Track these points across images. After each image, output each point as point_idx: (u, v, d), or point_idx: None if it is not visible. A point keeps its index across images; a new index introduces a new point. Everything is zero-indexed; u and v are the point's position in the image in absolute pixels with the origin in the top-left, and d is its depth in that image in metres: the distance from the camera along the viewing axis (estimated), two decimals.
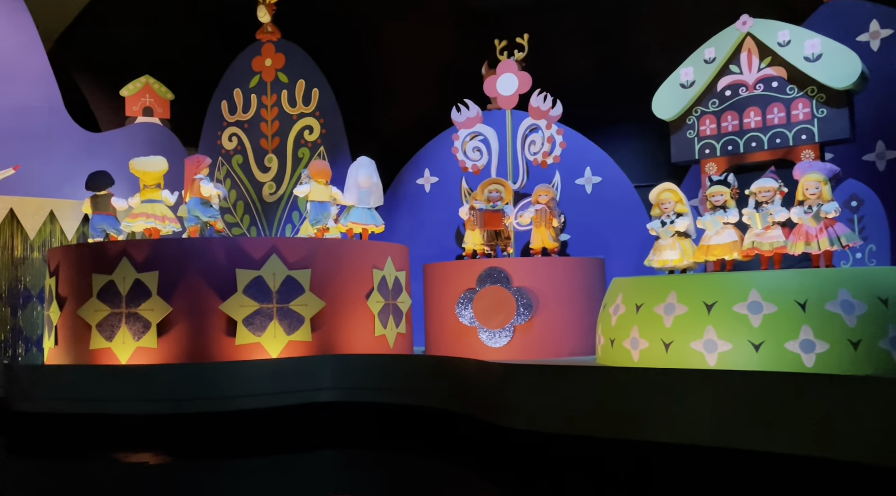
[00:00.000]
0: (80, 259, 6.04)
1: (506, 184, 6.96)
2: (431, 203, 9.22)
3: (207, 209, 6.47)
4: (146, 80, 9.81)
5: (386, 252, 6.73)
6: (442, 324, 7.08)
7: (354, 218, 6.88)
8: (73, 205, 7.78)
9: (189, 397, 5.61)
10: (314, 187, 6.81)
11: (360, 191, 6.92)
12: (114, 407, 5.64)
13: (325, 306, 6.10)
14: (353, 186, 6.93)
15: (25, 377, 6.06)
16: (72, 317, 5.99)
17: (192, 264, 5.86)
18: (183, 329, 5.82)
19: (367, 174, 7.01)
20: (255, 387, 5.67)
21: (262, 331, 5.91)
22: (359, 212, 6.89)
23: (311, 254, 6.14)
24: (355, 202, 6.90)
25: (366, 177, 6.99)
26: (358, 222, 6.88)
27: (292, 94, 9.49)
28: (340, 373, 5.80)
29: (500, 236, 6.97)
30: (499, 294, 6.68)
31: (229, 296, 5.85)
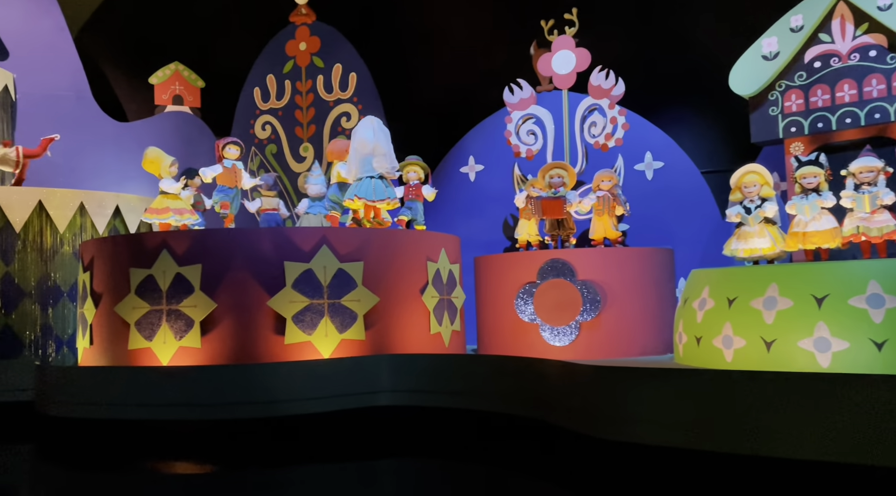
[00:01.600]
0: (117, 252, 5.61)
1: (569, 168, 6.44)
2: (476, 192, 8.74)
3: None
4: (175, 67, 9.43)
5: (440, 243, 6.24)
6: (497, 321, 6.58)
7: (360, 191, 5.74)
8: (103, 196, 7.37)
9: (235, 401, 5.16)
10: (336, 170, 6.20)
11: (361, 159, 5.77)
12: (154, 412, 5.21)
13: (379, 302, 5.63)
14: (352, 156, 5.80)
15: (58, 379, 5.65)
16: (108, 315, 5.57)
17: (238, 257, 5.41)
18: (228, 327, 5.37)
19: (361, 137, 5.76)
20: (306, 390, 5.21)
21: (313, 328, 5.44)
22: (366, 183, 5.73)
23: (363, 246, 5.67)
24: (353, 174, 5.84)
25: (361, 140, 5.75)
26: (363, 197, 5.72)
27: (328, 80, 9.03)
28: (400, 375, 5.32)
29: (562, 226, 6.45)
30: (563, 288, 6.16)
31: (277, 291, 5.39)
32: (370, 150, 5.81)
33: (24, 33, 8.64)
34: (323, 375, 5.27)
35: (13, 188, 7.08)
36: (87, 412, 5.41)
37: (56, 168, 8.42)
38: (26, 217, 6.96)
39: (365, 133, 5.82)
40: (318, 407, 5.22)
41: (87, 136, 8.77)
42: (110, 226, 7.43)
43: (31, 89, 8.62)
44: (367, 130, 5.85)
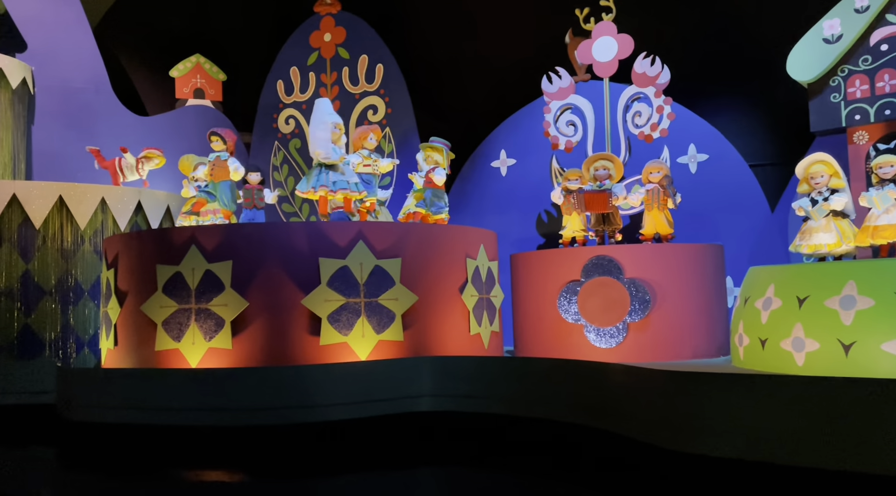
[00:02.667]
0: (143, 248, 5.34)
1: (615, 159, 6.10)
2: (508, 187, 8.42)
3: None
4: (197, 60, 9.16)
5: (478, 239, 5.92)
6: (537, 322, 6.25)
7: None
8: (125, 192, 7.12)
9: (268, 406, 4.87)
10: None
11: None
12: (182, 417, 4.93)
13: (417, 301, 5.32)
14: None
15: (81, 382, 5.38)
16: (134, 315, 5.29)
17: (270, 253, 5.11)
18: (260, 327, 5.08)
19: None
20: (344, 394, 4.91)
21: (350, 329, 5.14)
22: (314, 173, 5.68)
23: (400, 241, 5.36)
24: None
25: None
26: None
27: (354, 72, 8.74)
28: (442, 379, 5.01)
29: (607, 220, 6.11)
30: (610, 287, 5.82)
31: (312, 289, 5.09)
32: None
33: (43, 25, 8.42)
34: (360, 378, 4.97)
35: (32, 182, 6.83)
36: (112, 416, 5.14)
37: (74, 162, 8.19)
38: (46, 212, 6.71)
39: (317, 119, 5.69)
40: (355, 412, 4.92)
41: (106, 130, 8.52)
42: (132, 222, 7.18)
43: (49, 82, 8.39)
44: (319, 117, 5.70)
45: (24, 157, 8.05)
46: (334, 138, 5.63)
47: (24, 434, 5.94)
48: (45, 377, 6.26)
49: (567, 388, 4.53)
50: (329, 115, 5.68)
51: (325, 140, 5.57)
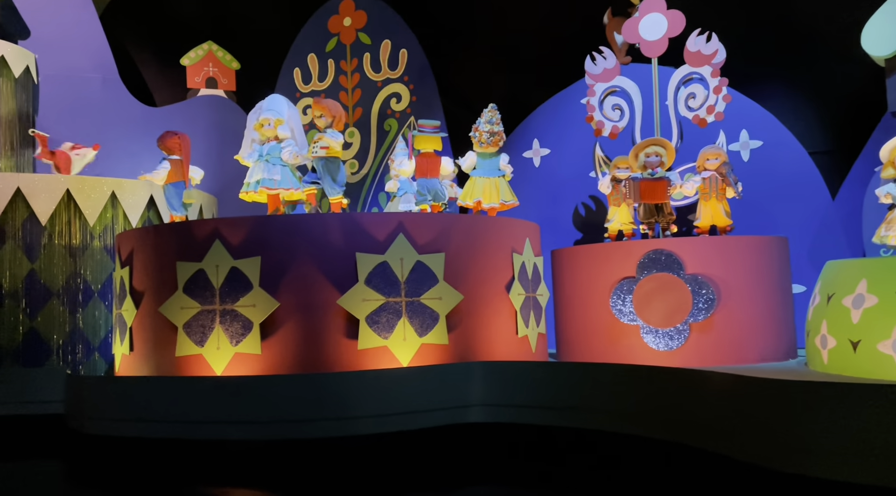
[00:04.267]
0: (161, 244, 4.85)
1: (667, 144, 5.60)
2: (542, 179, 7.93)
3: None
4: (209, 47, 8.68)
5: (524, 232, 5.43)
6: (585, 323, 5.76)
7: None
8: (135, 185, 6.64)
9: (301, 418, 4.39)
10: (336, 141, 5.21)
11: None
12: (206, 430, 4.45)
13: (463, 300, 4.83)
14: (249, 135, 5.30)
15: (93, 391, 4.91)
16: (151, 317, 4.81)
17: (302, 247, 4.63)
18: (292, 330, 4.59)
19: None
20: (385, 404, 4.42)
21: (390, 331, 4.65)
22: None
23: (443, 235, 4.87)
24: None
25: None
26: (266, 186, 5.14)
27: (376, 58, 8.25)
28: (496, 386, 4.52)
29: (661, 211, 5.62)
30: (669, 284, 5.34)
31: (349, 288, 4.61)
32: None
33: (47, 11, 7.95)
34: (403, 387, 4.48)
35: (38, 176, 6.36)
36: (127, 429, 4.66)
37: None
38: (53, 208, 6.23)
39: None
40: (398, 424, 4.43)
41: (114, 122, 8.05)
42: (144, 217, 6.70)
43: (54, 71, 7.91)
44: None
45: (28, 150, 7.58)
46: (265, 134, 5.19)
47: (31, 447, 5.46)
48: (53, 385, 5.76)
49: (646, 398, 4.03)
50: (255, 111, 5.28)
51: (245, 140, 5.30)
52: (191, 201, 5.40)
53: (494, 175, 5.83)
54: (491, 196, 5.78)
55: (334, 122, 5.31)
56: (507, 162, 5.93)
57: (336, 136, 5.26)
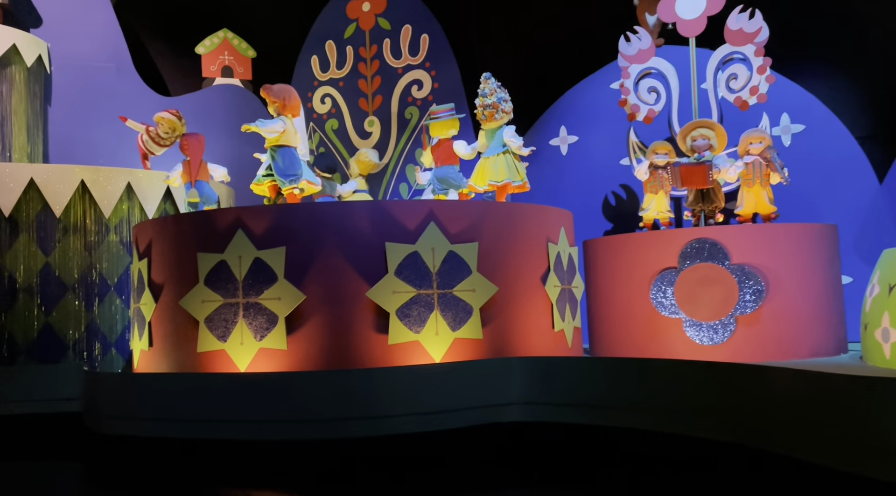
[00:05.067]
0: (181, 234, 4.63)
1: (716, 127, 5.31)
2: (569, 168, 7.65)
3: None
4: (224, 35, 8.45)
5: (559, 220, 5.16)
6: (622, 316, 5.49)
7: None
8: (152, 176, 6.42)
9: (330, 417, 4.15)
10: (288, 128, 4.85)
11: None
12: (229, 430, 4.23)
13: (497, 292, 4.57)
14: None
15: (111, 389, 4.70)
16: (171, 311, 4.58)
17: (329, 237, 4.38)
18: (319, 324, 4.35)
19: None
20: (417, 402, 4.18)
21: (421, 325, 4.41)
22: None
23: (476, 223, 4.61)
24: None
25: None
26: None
27: (396, 43, 7.99)
28: (533, 384, 4.26)
29: (706, 198, 5.33)
30: (714, 274, 5.05)
31: (378, 280, 4.36)
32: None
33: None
34: (437, 384, 4.22)
35: (52, 166, 6.16)
36: (147, 429, 4.44)
37: (96, 145, 7.52)
38: (67, 199, 6.03)
39: None
40: (431, 424, 4.18)
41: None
42: (160, 209, 6.48)
43: (66, 60, 7.72)
44: None
45: (41, 140, 7.40)
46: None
47: (48, 447, 5.27)
48: (69, 382, 5.57)
49: (700, 396, 3.75)
50: None
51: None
52: (194, 200, 5.16)
53: (497, 151, 5.11)
54: (486, 175, 5.06)
55: (279, 108, 4.93)
56: (512, 134, 5.14)
57: (273, 124, 4.84)
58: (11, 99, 7.13)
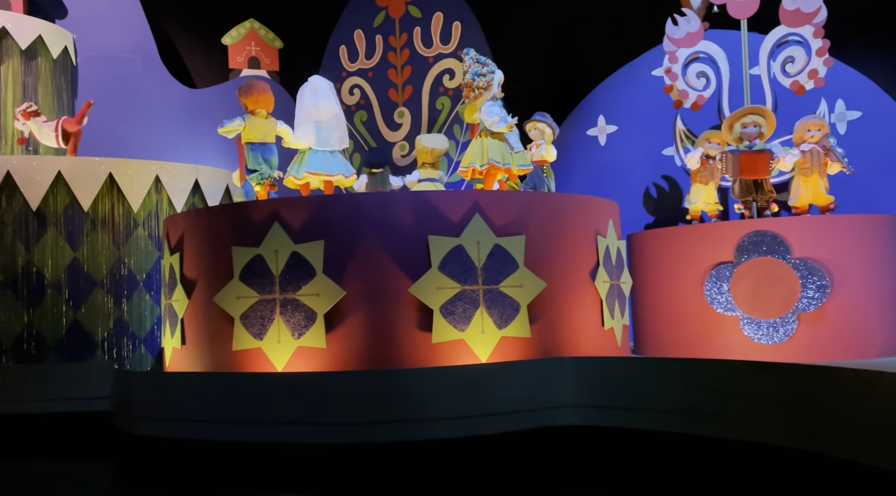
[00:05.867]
0: (214, 227, 4.44)
1: (767, 113, 5.00)
2: (607, 159, 7.37)
3: None
4: (251, 26, 8.26)
5: (607, 212, 4.89)
6: (672, 314, 5.22)
7: (313, 165, 4.65)
8: (180, 168, 6.26)
9: (371, 420, 3.94)
10: (250, 122, 4.71)
11: (319, 126, 4.70)
12: (266, 433, 4.04)
13: (546, 288, 4.32)
14: (307, 120, 4.69)
15: (143, 388, 4.54)
16: (205, 308, 4.40)
17: (370, 230, 4.17)
18: (360, 321, 4.14)
19: (327, 102, 4.72)
20: (464, 405, 3.95)
21: (466, 323, 4.17)
22: (319, 156, 4.66)
23: (523, 215, 4.37)
24: (312, 143, 4.70)
25: (326, 106, 4.71)
26: (318, 172, 4.62)
27: (427, 32, 7.75)
28: (587, 386, 4.01)
29: (760, 188, 5.03)
30: (774, 269, 4.76)
31: (421, 274, 4.14)
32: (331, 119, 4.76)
33: None
34: (485, 385, 3.99)
35: (80, 158, 6.01)
36: (180, 430, 4.27)
37: (123, 138, 7.38)
38: (95, 193, 5.88)
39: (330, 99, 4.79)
40: (478, 427, 3.96)
41: (154, 104, 7.71)
42: (189, 203, 6.31)
43: (92, 52, 7.59)
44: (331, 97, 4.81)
45: None
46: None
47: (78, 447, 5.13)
48: (98, 380, 5.44)
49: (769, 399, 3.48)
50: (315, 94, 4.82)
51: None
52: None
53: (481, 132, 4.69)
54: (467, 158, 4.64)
55: (245, 105, 4.85)
56: (486, 110, 4.57)
57: (230, 123, 4.73)
58: (38, 91, 7.01)
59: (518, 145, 4.69)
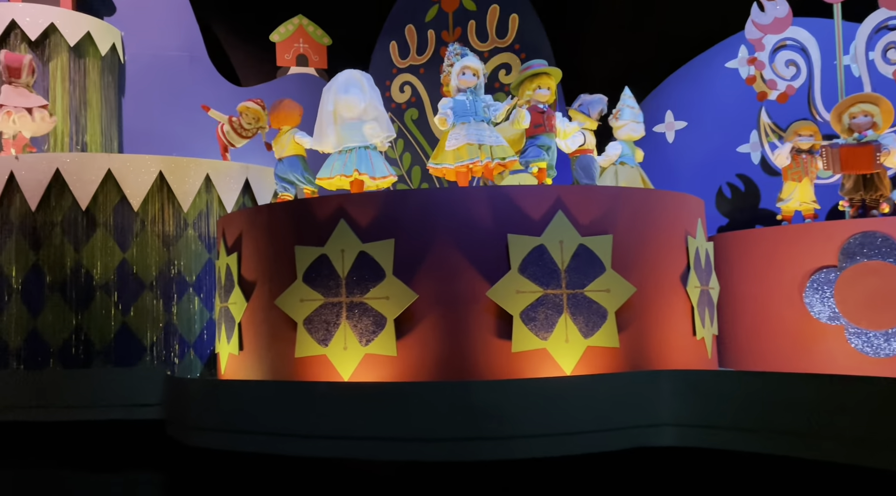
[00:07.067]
0: (276, 225, 4.15)
1: (881, 101, 4.54)
2: (676, 157, 6.93)
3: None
4: (299, 22, 8.04)
5: (696, 210, 4.48)
6: (764, 323, 4.78)
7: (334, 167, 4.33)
8: (231, 167, 6.02)
9: (446, 436, 3.59)
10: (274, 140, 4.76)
11: (345, 124, 4.39)
12: (331, 447, 3.72)
13: (635, 293, 3.93)
14: (325, 123, 4.45)
15: (198, 396, 4.27)
16: (265, 311, 4.11)
17: (444, 228, 3.83)
18: (433, 327, 3.80)
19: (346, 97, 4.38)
20: (549, 422, 3.57)
21: (549, 331, 3.80)
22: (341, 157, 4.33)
23: (610, 212, 3.98)
24: (329, 146, 4.41)
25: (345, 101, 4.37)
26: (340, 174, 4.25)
27: (482, 25, 7.42)
28: (689, 402, 3.59)
29: (870, 185, 4.56)
30: (885, 274, 4.29)
31: (500, 277, 3.78)
32: (359, 113, 4.39)
33: None
34: (572, 400, 3.61)
35: (130, 156, 5.81)
36: (237, 443, 3.98)
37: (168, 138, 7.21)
38: (145, 192, 5.66)
39: (351, 90, 4.44)
40: (565, 447, 3.57)
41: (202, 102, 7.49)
42: (239, 203, 6.07)
43: (139, 49, 7.45)
44: (353, 87, 4.45)
45: (116, 132, 7.13)
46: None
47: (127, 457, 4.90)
48: (148, 387, 5.17)
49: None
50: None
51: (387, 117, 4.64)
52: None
53: None
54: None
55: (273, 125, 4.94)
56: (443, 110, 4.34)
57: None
58: (86, 89, 6.88)
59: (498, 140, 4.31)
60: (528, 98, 4.46)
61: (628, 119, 5.11)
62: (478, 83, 4.41)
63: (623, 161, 5.05)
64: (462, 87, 4.37)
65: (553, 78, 4.53)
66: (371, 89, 4.53)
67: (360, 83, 4.52)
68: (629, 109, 5.13)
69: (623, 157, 5.06)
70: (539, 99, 4.44)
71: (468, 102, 4.33)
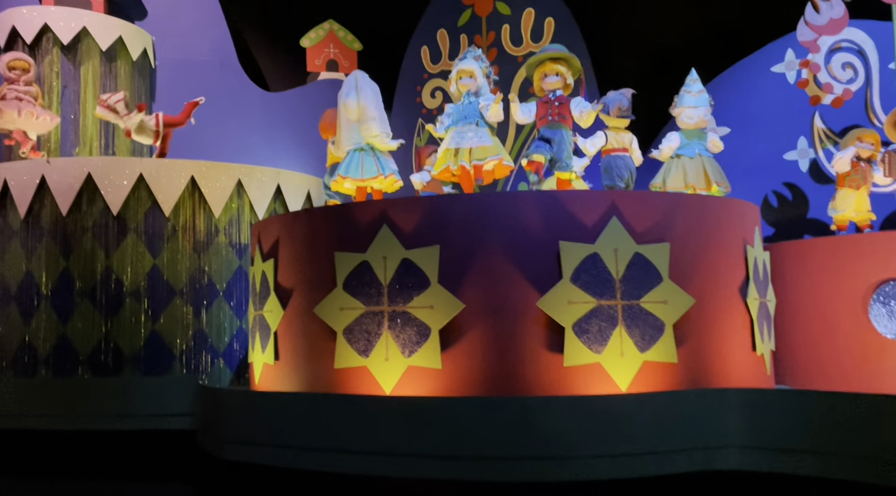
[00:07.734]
0: (315, 231, 4.00)
1: None
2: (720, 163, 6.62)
3: None
4: (330, 27, 7.97)
5: (753, 218, 4.25)
6: (823, 338, 4.52)
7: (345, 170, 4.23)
8: (263, 172, 5.91)
9: (494, 454, 3.39)
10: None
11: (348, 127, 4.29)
12: (372, 464, 3.53)
13: (694, 305, 3.71)
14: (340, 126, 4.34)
15: (232, 407, 4.11)
16: (302, 320, 3.94)
17: (491, 234, 3.65)
18: (480, 338, 3.61)
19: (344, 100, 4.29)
20: (604, 441, 3.36)
21: (603, 344, 3.59)
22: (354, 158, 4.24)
23: (666, 219, 3.78)
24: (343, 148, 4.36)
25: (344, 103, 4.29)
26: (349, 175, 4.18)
27: (517, 29, 7.27)
28: (757, 423, 3.36)
29: None
30: None
31: (551, 286, 3.58)
32: (356, 115, 4.30)
33: None
34: (629, 419, 3.39)
35: (161, 161, 5.72)
36: (272, 457, 3.81)
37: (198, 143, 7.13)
38: (177, 196, 5.56)
39: (350, 93, 4.34)
40: (622, 470, 3.35)
41: (233, 107, 7.45)
42: (270, 209, 5.94)
43: (170, 54, 7.41)
44: (351, 89, 4.35)
45: None
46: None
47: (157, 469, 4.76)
48: (177, 396, 5.06)
49: None
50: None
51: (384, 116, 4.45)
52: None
53: None
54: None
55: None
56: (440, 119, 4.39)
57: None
58: None
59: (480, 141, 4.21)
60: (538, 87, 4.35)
61: (685, 106, 4.75)
62: (477, 84, 4.31)
63: (679, 153, 4.75)
64: (462, 91, 4.31)
65: (561, 63, 4.32)
66: (366, 89, 4.40)
67: (356, 84, 4.42)
68: (687, 95, 4.74)
69: (681, 147, 4.73)
70: (548, 87, 4.29)
71: (462, 106, 4.32)
